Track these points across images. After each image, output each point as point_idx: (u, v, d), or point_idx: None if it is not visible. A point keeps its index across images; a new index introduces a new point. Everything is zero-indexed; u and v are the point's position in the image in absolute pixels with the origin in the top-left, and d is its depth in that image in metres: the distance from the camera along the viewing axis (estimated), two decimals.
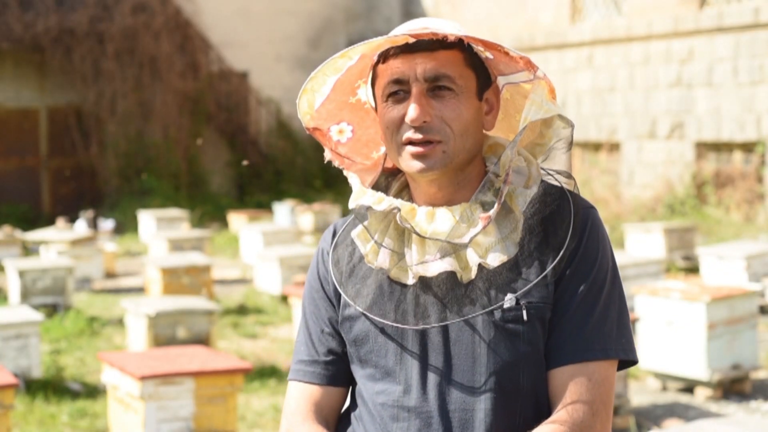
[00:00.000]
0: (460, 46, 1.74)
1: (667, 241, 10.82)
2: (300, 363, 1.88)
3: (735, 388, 6.36)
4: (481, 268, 1.72)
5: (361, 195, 1.82)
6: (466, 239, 1.71)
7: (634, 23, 15.12)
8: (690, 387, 6.40)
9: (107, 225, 15.81)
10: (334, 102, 1.86)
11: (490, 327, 1.70)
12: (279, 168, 19.87)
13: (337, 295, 1.84)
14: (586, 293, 1.72)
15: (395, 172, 1.89)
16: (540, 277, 1.71)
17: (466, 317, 1.71)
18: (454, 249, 1.72)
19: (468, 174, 1.79)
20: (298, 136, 20.49)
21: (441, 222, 1.74)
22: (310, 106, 1.86)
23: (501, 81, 1.81)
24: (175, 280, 9.13)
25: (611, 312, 1.74)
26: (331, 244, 1.89)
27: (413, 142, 1.73)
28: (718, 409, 5.99)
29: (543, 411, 1.72)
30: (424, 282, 1.75)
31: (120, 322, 8.61)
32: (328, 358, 1.85)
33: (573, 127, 1.76)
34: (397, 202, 1.78)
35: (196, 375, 4.94)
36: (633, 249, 10.82)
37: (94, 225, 15.44)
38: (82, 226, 14.96)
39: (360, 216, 1.80)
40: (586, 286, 1.72)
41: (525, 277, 1.71)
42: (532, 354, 1.71)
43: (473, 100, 1.76)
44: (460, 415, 1.70)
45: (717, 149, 14.29)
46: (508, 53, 1.72)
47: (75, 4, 18.03)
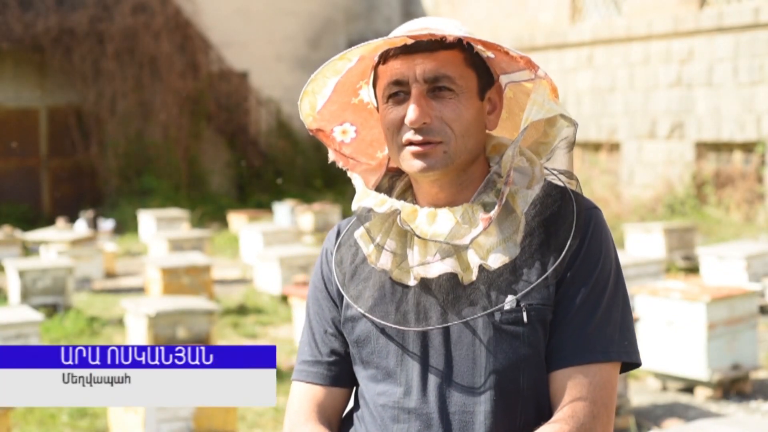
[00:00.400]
0: (460, 46, 1.72)
1: (667, 241, 10.81)
2: (303, 363, 1.88)
3: (735, 388, 6.36)
4: (482, 269, 1.71)
5: (364, 197, 1.82)
6: (466, 240, 1.71)
7: (634, 23, 15.12)
8: (690, 387, 6.40)
9: (107, 225, 15.81)
10: (336, 103, 1.86)
11: (491, 329, 1.70)
12: (279, 168, 19.86)
13: (340, 296, 1.84)
14: (588, 295, 1.71)
15: (399, 173, 1.89)
16: (541, 278, 1.70)
17: (466, 319, 1.70)
18: (456, 250, 1.71)
19: (471, 174, 1.78)
20: (298, 136, 20.48)
21: (442, 223, 1.73)
22: (312, 108, 1.85)
23: (504, 80, 1.80)
24: (175, 280, 9.13)
25: (614, 314, 1.73)
26: (335, 244, 1.88)
27: (414, 143, 1.72)
28: (718, 409, 5.99)
29: (544, 413, 1.71)
30: (426, 283, 1.74)
31: (120, 322, 8.61)
32: (331, 359, 1.85)
33: (576, 126, 1.75)
34: (398, 204, 1.77)
35: None
36: (633, 249, 10.81)
37: (94, 225, 15.43)
38: (82, 226, 14.95)
39: (362, 218, 1.80)
40: (587, 288, 1.71)
41: (526, 278, 1.70)
42: (533, 356, 1.70)
43: (474, 100, 1.74)
44: (460, 416, 1.69)
45: (717, 149, 14.29)
46: (508, 53, 1.71)
47: (75, 4, 18.02)
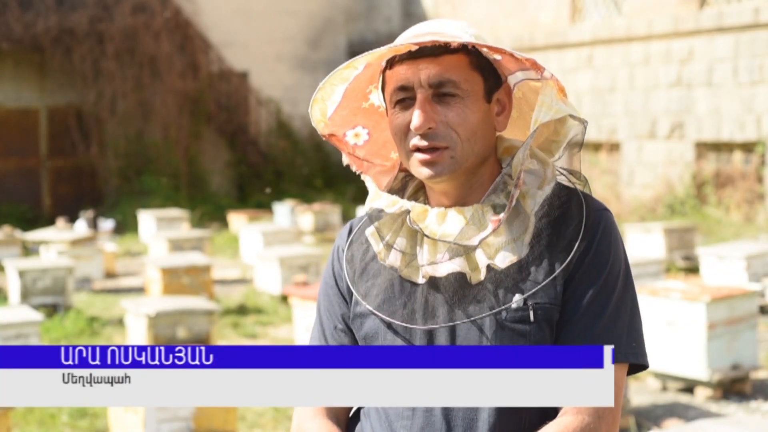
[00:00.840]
0: (465, 49, 1.72)
1: (667, 241, 10.81)
2: None
3: (735, 388, 6.35)
4: (490, 268, 1.72)
5: (376, 198, 1.84)
6: (475, 241, 1.72)
7: (634, 23, 15.12)
8: (690, 387, 6.40)
9: (107, 225, 15.81)
10: (346, 108, 1.87)
11: (498, 327, 1.70)
12: (279, 168, 19.87)
13: (350, 292, 1.86)
14: (596, 296, 1.71)
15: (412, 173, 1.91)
16: (549, 279, 1.70)
17: (473, 318, 1.71)
18: (465, 250, 1.72)
19: (481, 176, 1.79)
20: (298, 136, 20.48)
21: (451, 223, 1.74)
22: (323, 114, 1.87)
23: (512, 80, 1.80)
24: (175, 280, 9.13)
25: (622, 315, 1.73)
26: (347, 241, 1.90)
27: (420, 149, 1.73)
28: (718, 409, 5.99)
29: (549, 413, 1.71)
30: (434, 282, 1.75)
31: (120, 322, 8.61)
32: None
33: (586, 125, 1.77)
34: (409, 204, 1.79)
35: None
36: (633, 249, 10.81)
37: (94, 225, 15.43)
38: (82, 226, 14.95)
39: (373, 218, 1.82)
40: (595, 289, 1.71)
41: (534, 277, 1.71)
42: None
43: (480, 103, 1.75)
44: (464, 414, 1.70)
45: (717, 149, 14.29)
46: (513, 55, 1.71)
47: (75, 4, 18.02)
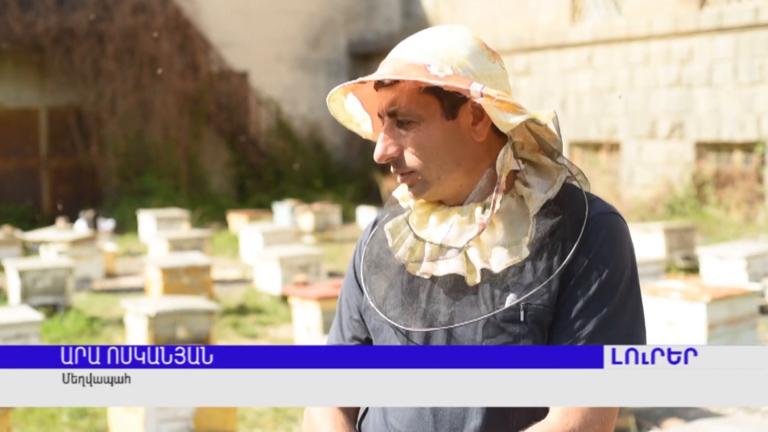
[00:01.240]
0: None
1: (667, 241, 10.82)
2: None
3: None
4: (485, 271, 1.74)
5: (400, 188, 1.89)
6: (461, 242, 1.74)
7: (634, 23, 15.12)
8: None
9: (107, 225, 15.81)
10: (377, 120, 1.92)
11: (491, 327, 1.72)
12: (279, 168, 19.87)
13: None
14: (590, 301, 1.71)
15: None
16: (544, 281, 1.71)
17: (466, 323, 1.72)
18: (456, 252, 1.75)
19: (475, 180, 1.79)
20: (298, 136, 20.48)
21: (447, 224, 1.78)
22: (351, 120, 1.92)
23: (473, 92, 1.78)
24: (175, 280, 9.13)
25: (618, 321, 1.72)
26: (369, 235, 1.94)
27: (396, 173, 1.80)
28: (718, 409, 5.99)
29: (538, 414, 1.71)
30: (435, 282, 1.78)
31: (120, 322, 8.61)
32: (353, 344, 1.91)
33: (556, 124, 1.75)
34: (413, 203, 1.83)
35: None
36: None
37: (94, 225, 15.43)
38: (82, 226, 14.95)
39: (390, 204, 1.89)
40: (591, 293, 1.71)
41: (529, 279, 1.72)
42: None
43: (439, 123, 1.75)
44: (452, 410, 1.72)
45: (717, 149, 14.29)
46: (429, 83, 1.70)
47: (75, 4, 18.02)
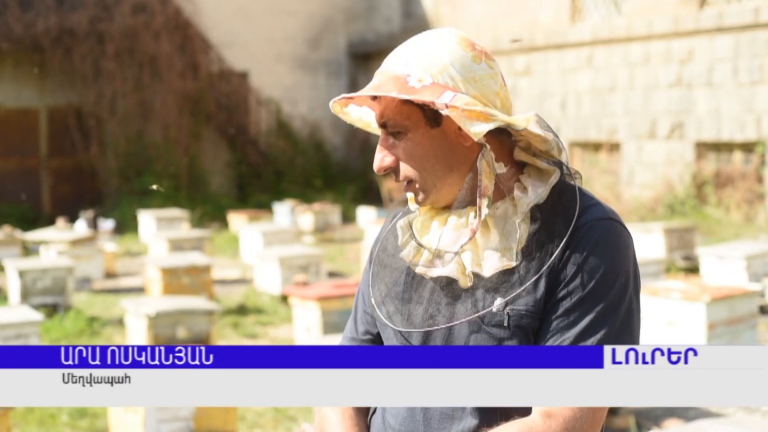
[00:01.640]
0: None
1: (667, 241, 10.82)
2: (344, 339, 1.99)
3: None
4: (477, 274, 1.76)
5: None
6: (455, 248, 1.76)
7: (634, 23, 15.12)
8: None
9: (107, 225, 15.81)
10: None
11: (479, 330, 1.74)
12: (279, 168, 19.87)
13: None
14: (575, 307, 1.70)
15: None
16: (524, 287, 1.72)
17: (455, 323, 1.75)
18: (452, 256, 1.77)
19: (474, 183, 1.79)
20: (298, 136, 20.48)
21: (446, 229, 1.79)
22: (366, 124, 1.92)
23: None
24: (175, 280, 9.13)
25: (605, 328, 1.70)
26: (387, 229, 1.95)
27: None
28: (718, 410, 5.99)
29: (524, 415, 1.72)
30: (433, 283, 1.79)
31: (120, 322, 8.61)
32: (365, 338, 1.94)
33: (541, 123, 1.74)
34: (415, 206, 1.84)
35: None
36: None
37: (94, 225, 15.43)
38: (82, 226, 14.95)
39: (402, 202, 1.91)
40: (576, 300, 1.70)
41: (517, 283, 1.73)
42: None
43: (424, 131, 1.75)
44: (442, 409, 1.76)
45: (717, 149, 14.29)
46: (399, 97, 1.70)
47: (75, 4, 18.02)
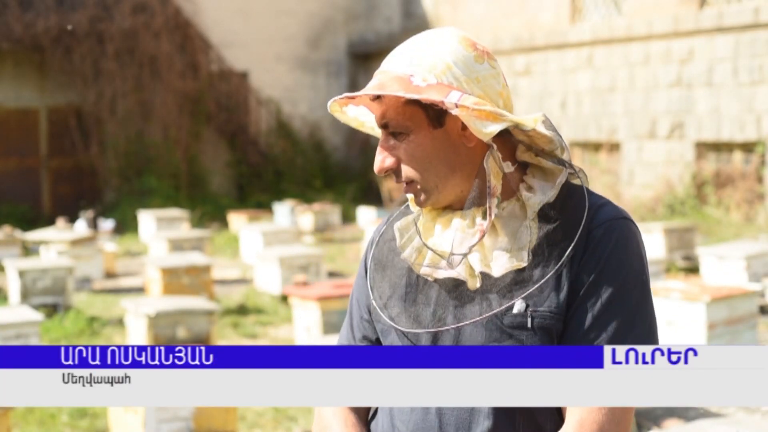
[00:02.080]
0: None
1: (667, 241, 10.82)
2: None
3: None
4: (486, 275, 1.72)
5: None
6: (464, 249, 1.73)
7: (634, 23, 15.12)
8: None
9: (107, 225, 15.81)
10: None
11: (498, 332, 1.70)
12: (279, 168, 19.87)
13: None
14: (604, 310, 1.68)
15: None
16: (541, 285, 1.68)
17: (467, 322, 1.71)
18: (460, 258, 1.73)
19: (484, 184, 1.77)
20: (298, 136, 20.48)
21: (450, 230, 1.76)
22: (360, 124, 1.90)
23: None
24: (175, 280, 9.13)
25: (634, 329, 1.68)
26: (380, 232, 1.92)
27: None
28: (718, 410, 5.98)
29: (543, 423, 1.70)
30: (439, 284, 1.76)
31: (120, 322, 8.61)
32: (363, 344, 1.89)
33: (549, 125, 1.72)
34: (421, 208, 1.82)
35: None
36: None
37: (94, 225, 15.43)
38: (82, 226, 14.95)
39: (401, 203, 1.88)
40: (604, 303, 1.68)
41: (533, 285, 1.69)
42: None
43: (427, 132, 1.73)
44: (457, 413, 1.71)
45: (717, 149, 14.29)
46: (405, 97, 1.68)
47: (75, 4, 18.02)
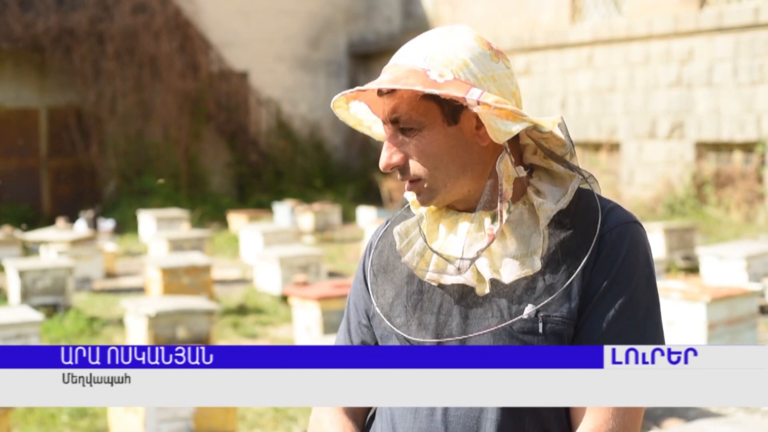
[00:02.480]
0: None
1: (667, 241, 10.82)
2: None
3: None
4: (495, 282, 1.69)
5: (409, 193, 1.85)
6: (473, 253, 1.69)
7: (634, 23, 15.12)
8: None
9: (107, 225, 15.81)
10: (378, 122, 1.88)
11: (507, 338, 1.67)
12: (279, 168, 19.88)
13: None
14: (618, 316, 1.66)
15: None
16: (557, 293, 1.66)
17: (479, 333, 1.68)
18: (469, 263, 1.70)
19: (485, 184, 1.74)
20: (298, 136, 20.49)
21: (457, 234, 1.73)
22: (359, 122, 1.87)
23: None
24: (175, 280, 9.13)
25: (646, 333, 1.68)
26: (379, 236, 1.89)
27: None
28: (718, 410, 5.99)
29: (551, 427, 1.69)
30: (446, 291, 1.73)
31: (120, 322, 8.61)
32: None
33: (563, 129, 1.70)
34: (424, 210, 1.78)
35: None
36: None
37: (94, 225, 15.44)
38: (82, 226, 14.95)
39: (401, 205, 1.85)
40: (617, 309, 1.66)
41: (547, 290, 1.67)
42: None
43: (440, 129, 1.70)
44: (464, 422, 1.68)
45: (717, 149, 14.29)
46: (424, 91, 1.65)
47: (75, 4, 18.02)
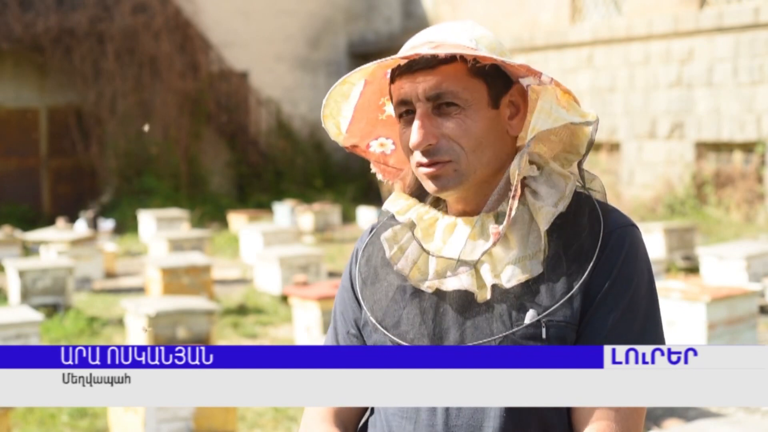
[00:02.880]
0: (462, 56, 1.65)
1: (667, 241, 10.82)
2: None
3: None
4: (496, 287, 1.66)
5: (395, 199, 1.80)
6: (476, 255, 1.66)
7: (634, 23, 15.12)
8: None
9: (107, 225, 15.81)
10: (362, 121, 1.83)
11: (508, 343, 1.64)
12: (279, 168, 19.88)
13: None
14: (620, 320, 1.65)
15: None
16: (565, 297, 1.64)
17: (480, 342, 1.65)
18: (469, 265, 1.67)
19: (496, 184, 1.72)
20: (298, 136, 20.48)
21: (457, 236, 1.70)
22: (338, 128, 1.83)
23: (524, 82, 1.72)
24: (175, 280, 9.13)
25: (647, 335, 1.66)
26: (365, 244, 1.85)
27: (423, 165, 1.68)
28: (718, 410, 5.99)
29: (553, 429, 1.65)
30: (441, 297, 1.70)
31: (120, 322, 8.61)
32: None
33: (596, 124, 1.68)
34: (415, 215, 1.75)
35: None
36: None
37: (94, 225, 15.44)
38: (82, 226, 14.95)
39: (383, 215, 1.81)
40: (618, 313, 1.65)
41: (547, 295, 1.65)
42: None
43: (485, 111, 1.67)
44: (467, 428, 1.65)
45: (717, 149, 14.29)
46: (504, 63, 1.64)
47: (75, 4, 18.02)
